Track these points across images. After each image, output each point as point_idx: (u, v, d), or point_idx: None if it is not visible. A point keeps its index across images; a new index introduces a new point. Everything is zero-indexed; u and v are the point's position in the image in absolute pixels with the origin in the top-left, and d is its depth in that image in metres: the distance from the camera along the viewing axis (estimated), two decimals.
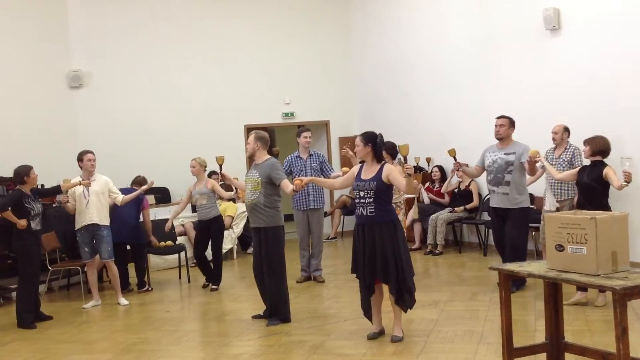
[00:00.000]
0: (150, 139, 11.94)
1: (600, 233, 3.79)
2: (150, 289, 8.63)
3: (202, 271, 8.69)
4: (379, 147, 5.66)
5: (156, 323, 6.95)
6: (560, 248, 3.98)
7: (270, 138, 6.78)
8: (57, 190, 7.69)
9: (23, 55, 11.04)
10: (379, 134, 5.74)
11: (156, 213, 10.22)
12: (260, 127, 13.34)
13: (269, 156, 6.56)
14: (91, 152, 7.88)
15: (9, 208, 6.94)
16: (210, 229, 8.45)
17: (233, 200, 10.74)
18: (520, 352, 4.38)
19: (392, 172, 5.57)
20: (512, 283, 6.93)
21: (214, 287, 8.38)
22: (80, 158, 7.83)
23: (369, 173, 5.62)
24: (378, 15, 12.41)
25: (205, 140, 11.66)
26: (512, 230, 7.05)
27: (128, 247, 8.70)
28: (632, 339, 3.69)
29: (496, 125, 7.22)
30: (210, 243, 8.56)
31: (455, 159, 7.37)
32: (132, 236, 8.56)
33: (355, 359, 5.23)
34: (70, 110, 11.68)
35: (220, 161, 7.29)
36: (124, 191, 8.32)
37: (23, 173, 7.06)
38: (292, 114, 12.86)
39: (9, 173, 8.94)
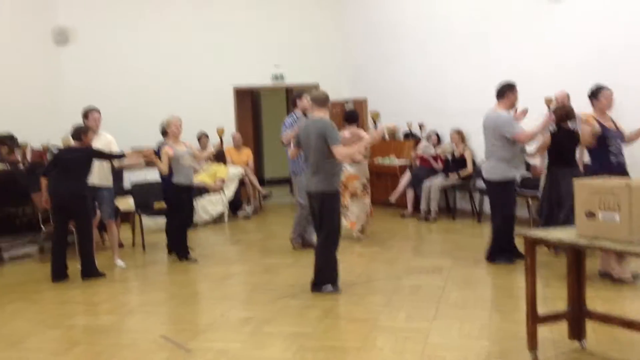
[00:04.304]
0: (139, 98, 11.68)
1: (634, 199, 3.77)
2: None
3: (172, 246, 7.89)
4: None
5: (158, 284, 6.85)
6: (590, 215, 3.97)
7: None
8: (119, 156, 7.40)
9: (3, 9, 10.57)
10: None
11: (147, 175, 10.03)
12: (249, 89, 13.23)
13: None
14: (97, 110, 7.66)
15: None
16: (188, 194, 7.83)
17: (224, 162, 10.58)
18: (543, 319, 4.39)
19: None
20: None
21: (193, 258, 7.78)
22: (85, 115, 7.62)
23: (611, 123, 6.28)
24: None
25: (194, 101, 11.46)
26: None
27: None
28: None
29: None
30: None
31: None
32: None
33: (369, 323, 5.17)
34: (55, 68, 11.32)
35: (220, 133, 7.01)
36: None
37: (81, 132, 7.10)
38: (281, 76, 12.68)
39: None
